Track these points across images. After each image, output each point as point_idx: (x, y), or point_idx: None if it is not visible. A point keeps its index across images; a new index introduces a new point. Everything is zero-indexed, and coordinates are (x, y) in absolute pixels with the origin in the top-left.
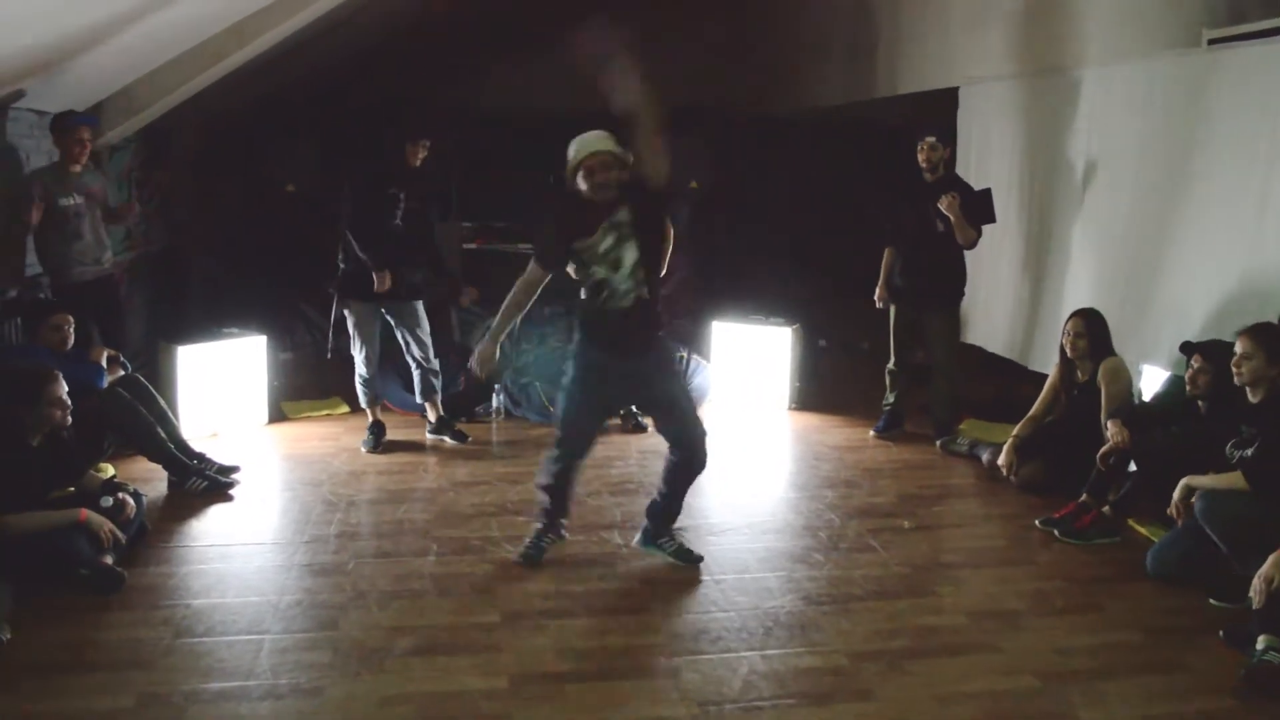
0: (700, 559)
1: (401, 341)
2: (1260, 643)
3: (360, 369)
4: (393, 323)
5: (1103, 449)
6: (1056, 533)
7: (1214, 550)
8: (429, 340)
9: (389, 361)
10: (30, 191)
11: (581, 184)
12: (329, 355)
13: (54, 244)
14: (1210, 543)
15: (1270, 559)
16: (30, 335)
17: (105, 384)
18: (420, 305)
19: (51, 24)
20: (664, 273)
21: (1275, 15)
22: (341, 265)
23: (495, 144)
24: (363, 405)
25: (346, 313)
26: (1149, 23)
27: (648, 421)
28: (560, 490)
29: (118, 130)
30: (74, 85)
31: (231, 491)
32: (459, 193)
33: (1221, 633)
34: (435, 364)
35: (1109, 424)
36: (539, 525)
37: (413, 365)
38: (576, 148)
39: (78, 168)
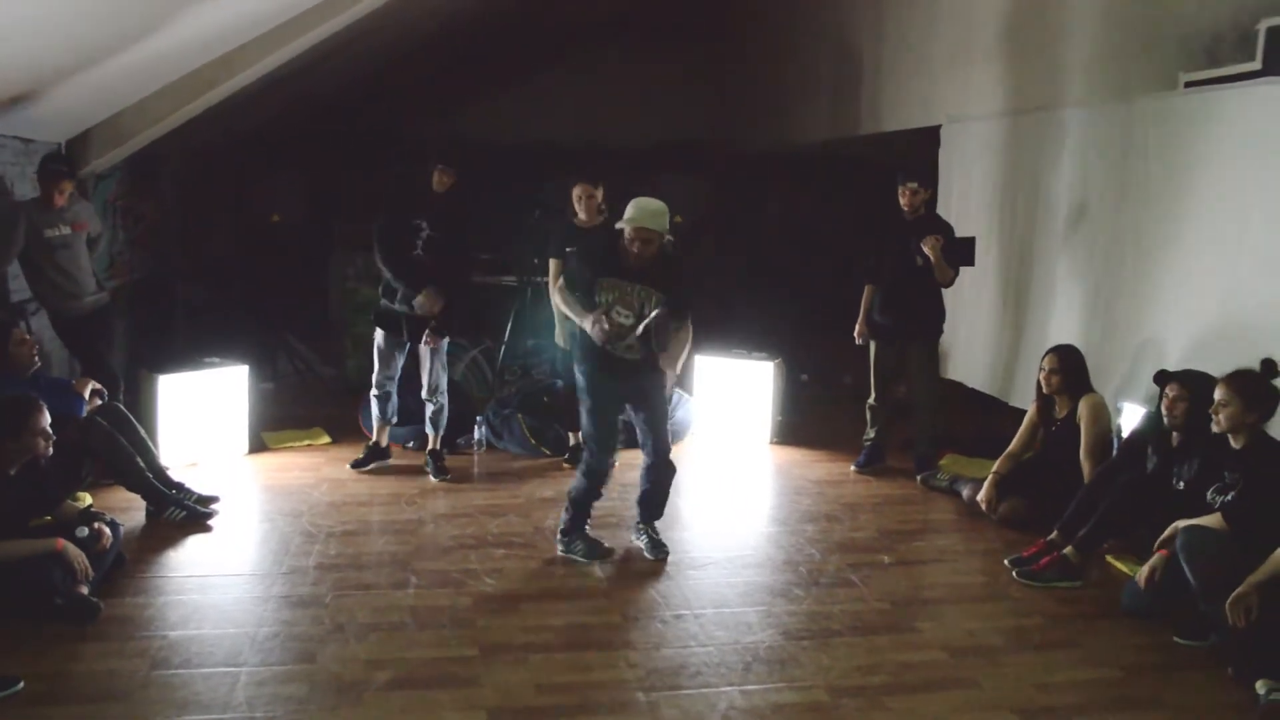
0: (667, 553)
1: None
2: (1261, 687)
3: (375, 386)
4: (419, 355)
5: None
6: (1015, 573)
7: (1185, 588)
8: (443, 379)
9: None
10: (15, 222)
11: (625, 241)
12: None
13: (46, 278)
14: (1182, 581)
15: (1244, 584)
16: None
17: (84, 412)
18: (444, 342)
19: (38, 49)
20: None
21: (1249, 60)
22: (382, 299)
23: (479, 176)
24: (373, 424)
25: (377, 338)
26: (1128, 64)
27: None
28: (588, 502)
29: (104, 159)
30: (61, 113)
31: (210, 522)
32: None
33: (1230, 670)
34: (443, 403)
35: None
36: (567, 534)
37: (425, 397)
38: (633, 211)
39: (59, 203)
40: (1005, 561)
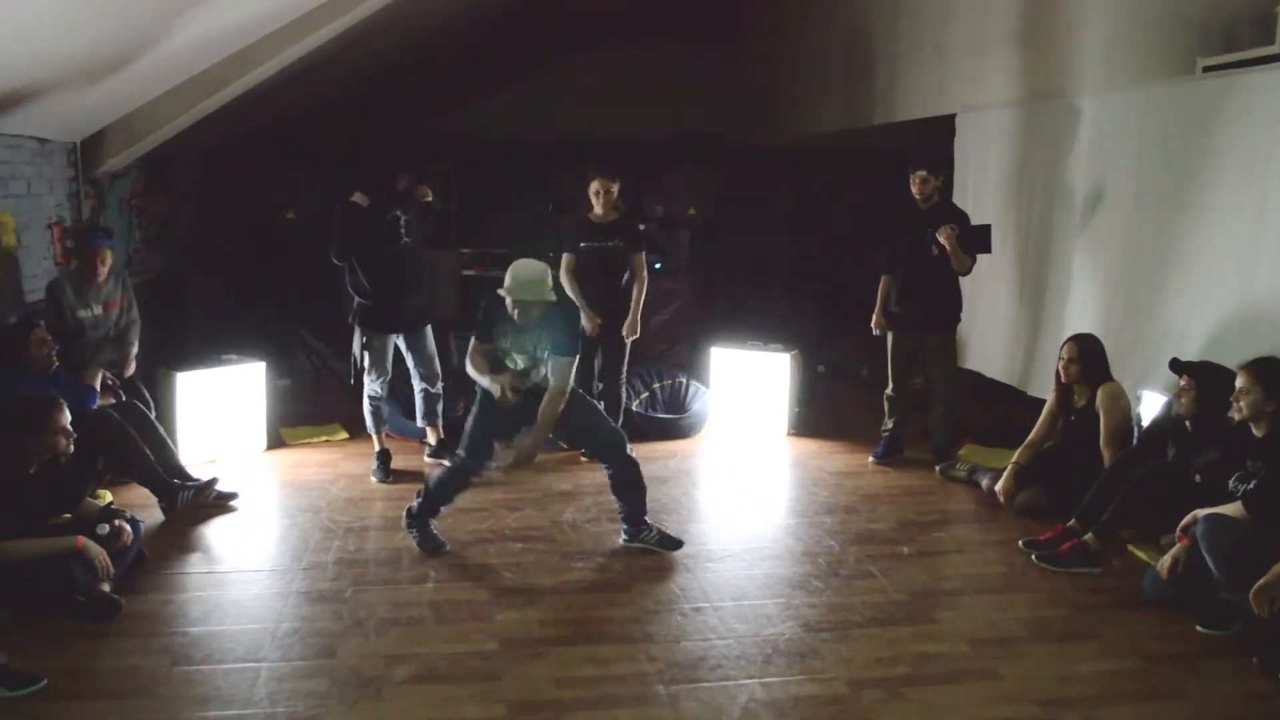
0: (681, 544)
1: (410, 366)
2: None
3: (373, 389)
4: (403, 348)
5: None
6: (1033, 556)
7: (1207, 577)
8: (436, 364)
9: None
10: (49, 301)
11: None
12: (352, 382)
13: (70, 350)
14: (1204, 570)
15: (1269, 574)
16: (16, 357)
17: (95, 404)
18: (429, 330)
19: (51, 51)
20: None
21: (1268, 43)
22: (356, 299)
23: (494, 171)
24: (369, 429)
25: (363, 341)
26: (1145, 50)
27: (632, 449)
28: (443, 496)
29: (119, 158)
30: (76, 113)
31: (229, 518)
32: (457, 219)
33: (1255, 658)
34: (440, 388)
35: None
36: (413, 519)
37: (417, 389)
38: (510, 283)
39: (98, 280)
40: (1020, 544)
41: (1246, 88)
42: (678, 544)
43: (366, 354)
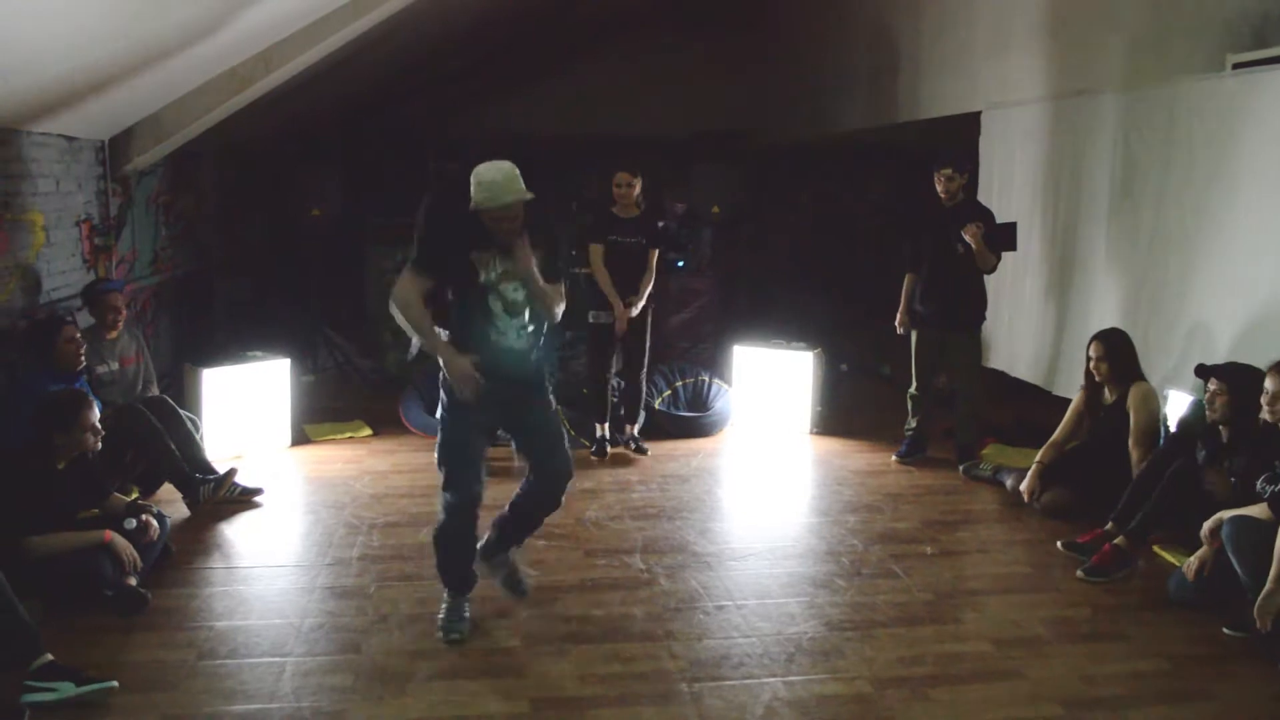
0: (526, 594)
1: None
2: None
3: None
4: None
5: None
6: (1081, 573)
7: (1233, 579)
8: None
9: (409, 384)
10: None
11: (490, 222)
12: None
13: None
14: (1230, 571)
15: (1270, 579)
16: (45, 354)
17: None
18: None
19: (82, 57)
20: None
21: None
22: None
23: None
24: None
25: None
26: (1173, 47)
27: (648, 446)
28: (458, 544)
29: (146, 156)
30: (104, 112)
31: (254, 514)
32: None
33: None
34: None
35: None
36: (446, 593)
37: None
38: (484, 190)
39: (114, 334)
40: (1060, 545)
41: (1277, 85)
42: (523, 593)
43: None
